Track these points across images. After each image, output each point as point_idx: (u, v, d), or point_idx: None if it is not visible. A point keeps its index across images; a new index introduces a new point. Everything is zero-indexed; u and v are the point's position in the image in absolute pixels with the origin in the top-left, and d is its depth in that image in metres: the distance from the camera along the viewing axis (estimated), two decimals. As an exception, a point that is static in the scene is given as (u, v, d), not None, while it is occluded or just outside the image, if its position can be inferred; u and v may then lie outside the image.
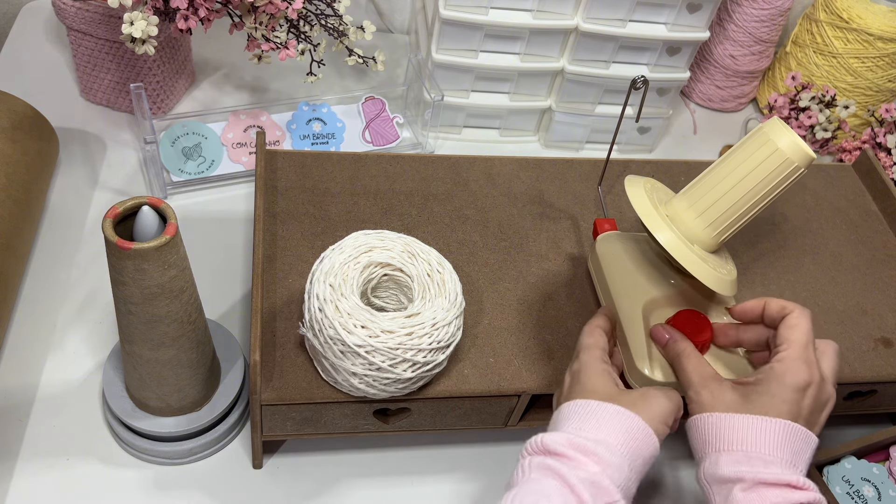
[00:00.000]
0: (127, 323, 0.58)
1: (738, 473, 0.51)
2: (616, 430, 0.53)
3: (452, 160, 0.82)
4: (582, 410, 0.55)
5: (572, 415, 0.55)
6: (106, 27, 0.86)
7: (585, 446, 0.52)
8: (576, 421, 0.54)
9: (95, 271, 0.80)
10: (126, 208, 0.53)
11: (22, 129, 0.79)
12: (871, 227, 0.84)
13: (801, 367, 0.54)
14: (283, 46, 0.84)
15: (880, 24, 1.01)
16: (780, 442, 0.52)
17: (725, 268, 0.63)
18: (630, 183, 0.64)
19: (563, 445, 0.52)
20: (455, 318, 0.60)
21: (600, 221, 0.73)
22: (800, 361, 0.55)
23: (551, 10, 0.90)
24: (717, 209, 0.61)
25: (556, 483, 0.50)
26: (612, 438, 0.53)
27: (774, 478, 0.51)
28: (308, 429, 0.65)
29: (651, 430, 0.54)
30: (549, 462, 0.51)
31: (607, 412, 0.54)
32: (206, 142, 0.90)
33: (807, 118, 1.05)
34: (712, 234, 0.62)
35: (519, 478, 0.52)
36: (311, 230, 0.73)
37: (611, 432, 0.53)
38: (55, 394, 0.71)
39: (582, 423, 0.54)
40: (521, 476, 0.52)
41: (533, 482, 0.51)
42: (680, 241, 0.61)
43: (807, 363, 0.55)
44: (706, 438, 0.54)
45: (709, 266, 0.60)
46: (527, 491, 0.50)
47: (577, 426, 0.54)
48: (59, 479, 0.66)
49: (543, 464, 0.51)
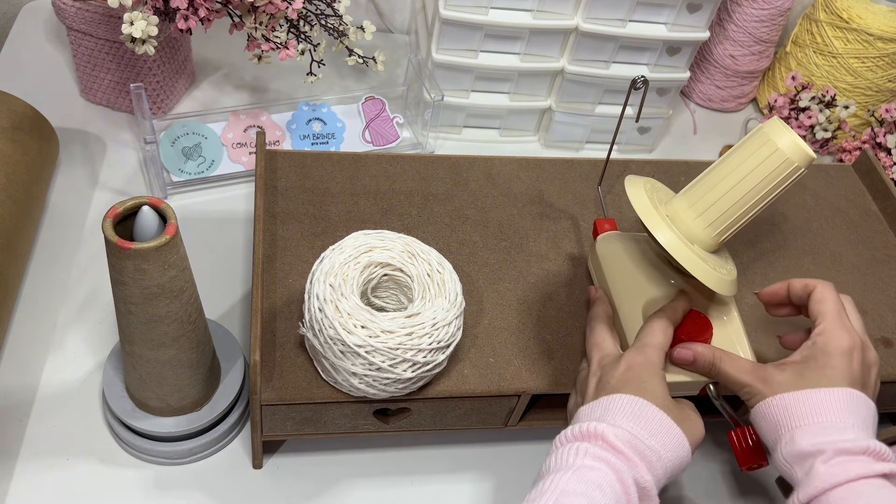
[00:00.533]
0: (127, 323, 0.58)
1: (817, 445, 0.52)
2: (670, 447, 0.53)
3: (452, 160, 0.82)
4: (641, 412, 0.54)
5: (630, 413, 0.54)
6: (106, 27, 0.86)
7: (645, 453, 0.51)
8: (632, 419, 0.53)
9: (95, 271, 0.80)
10: (126, 208, 0.53)
11: (22, 129, 0.79)
12: (871, 227, 0.84)
13: (842, 334, 0.56)
14: (283, 46, 0.84)
15: (880, 24, 1.01)
16: (847, 408, 0.53)
17: (725, 268, 0.63)
18: (630, 183, 0.64)
19: (626, 444, 0.51)
20: (455, 318, 0.60)
21: (600, 221, 0.73)
22: (838, 329, 0.57)
23: (551, 10, 0.90)
24: (717, 209, 0.61)
25: (612, 477, 0.50)
26: (664, 453, 0.53)
27: (853, 444, 0.51)
28: (308, 429, 0.65)
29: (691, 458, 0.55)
30: (607, 455, 0.50)
31: (666, 426, 0.54)
32: (206, 142, 0.90)
33: (807, 118, 1.05)
34: (712, 234, 0.62)
35: (567, 461, 0.51)
36: (311, 230, 0.73)
37: (664, 447, 0.53)
38: (55, 394, 0.71)
39: (639, 426, 0.53)
40: (572, 460, 0.51)
41: (587, 469, 0.50)
42: (680, 241, 0.61)
43: (845, 329, 0.57)
44: (777, 420, 0.54)
45: (709, 266, 0.60)
46: (581, 478, 0.49)
47: (633, 426, 0.53)
48: (59, 479, 0.66)
49: (600, 455, 0.51)
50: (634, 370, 0.57)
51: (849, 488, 0.50)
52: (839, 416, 0.53)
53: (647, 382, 0.56)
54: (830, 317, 0.58)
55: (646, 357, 0.57)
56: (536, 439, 0.75)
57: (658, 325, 0.60)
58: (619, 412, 0.54)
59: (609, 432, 0.52)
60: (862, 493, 0.50)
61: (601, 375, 0.58)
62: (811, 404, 0.54)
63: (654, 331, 0.59)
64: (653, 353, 0.58)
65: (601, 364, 0.60)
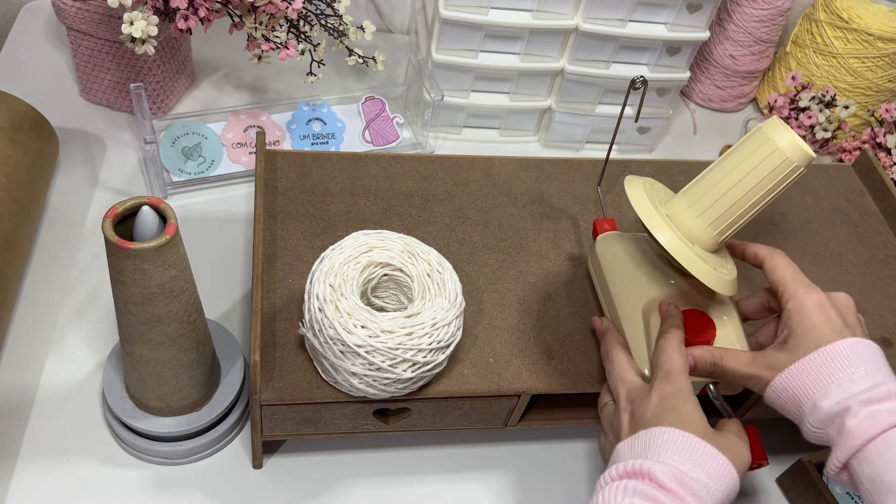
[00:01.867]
0: (127, 323, 0.58)
1: (841, 403, 0.52)
2: (718, 478, 0.52)
3: (452, 160, 0.82)
4: (684, 445, 0.52)
5: (673, 446, 0.52)
6: (106, 27, 0.86)
7: (692, 486, 0.50)
8: (676, 453, 0.51)
9: (95, 271, 0.80)
10: (126, 208, 0.53)
11: (22, 129, 0.79)
12: (871, 227, 0.84)
13: (806, 293, 0.58)
14: (283, 46, 0.84)
15: (880, 24, 1.01)
16: (852, 358, 0.54)
17: (726, 267, 0.63)
18: (630, 183, 0.64)
19: (673, 480, 0.49)
20: (455, 318, 0.60)
21: (600, 222, 0.73)
22: (801, 289, 0.58)
23: (551, 10, 0.90)
24: (717, 209, 0.61)
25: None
26: (713, 485, 0.51)
27: (874, 392, 0.52)
28: (308, 429, 0.65)
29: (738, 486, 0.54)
30: (656, 493, 0.49)
31: (711, 456, 0.52)
32: (206, 142, 0.90)
33: (807, 118, 1.05)
34: (712, 234, 0.62)
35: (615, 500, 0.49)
36: (311, 230, 0.73)
37: (712, 478, 0.51)
38: (55, 394, 0.71)
39: (684, 459, 0.51)
40: (620, 499, 0.49)
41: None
42: (680, 241, 0.61)
43: (807, 288, 0.58)
44: (795, 394, 0.55)
45: (709, 266, 0.60)
46: None
47: (678, 461, 0.51)
48: (59, 479, 0.66)
49: (648, 493, 0.49)
50: (668, 400, 0.55)
51: (882, 440, 0.50)
52: (848, 368, 0.53)
53: (682, 412, 0.54)
54: (789, 282, 0.59)
55: (675, 385, 0.56)
56: (536, 439, 0.75)
57: (673, 348, 0.59)
58: (662, 446, 0.52)
59: (655, 469, 0.50)
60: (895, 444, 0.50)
61: (632, 410, 0.57)
62: (819, 369, 0.54)
63: (672, 354, 0.58)
64: (680, 379, 0.56)
65: (629, 398, 0.58)
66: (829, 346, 0.55)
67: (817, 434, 0.54)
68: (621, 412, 0.58)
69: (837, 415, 0.52)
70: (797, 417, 0.56)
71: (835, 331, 0.56)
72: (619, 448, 0.55)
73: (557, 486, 0.72)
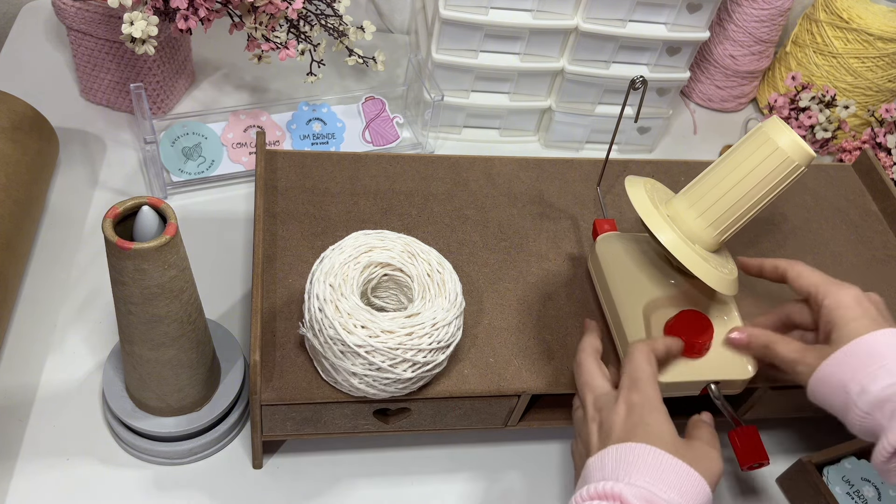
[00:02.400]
0: (127, 323, 0.58)
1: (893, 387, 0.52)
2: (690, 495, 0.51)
3: (452, 160, 0.82)
4: (655, 463, 0.51)
5: (644, 466, 0.51)
6: (106, 27, 0.86)
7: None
8: (647, 473, 0.51)
9: (95, 271, 0.80)
10: (126, 208, 0.53)
11: (22, 129, 0.79)
12: (871, 227, 0.84)
13: (839, 290, 0.59)
14: (283, 46, 0.84)
15: (880, 24, 1.01)
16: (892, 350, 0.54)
17: (727, 267, 0.63)
18: (630, 183, 0.64)
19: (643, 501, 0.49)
20: (455, 318, 0.60)
21: (600, 222, 0.73)
22: (834, 287, 0.59)
23: (551, 10, 0.90)
24: (717, 209, 0.61)
25: None
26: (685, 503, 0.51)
27: None
28: (308, 429, 0.65)
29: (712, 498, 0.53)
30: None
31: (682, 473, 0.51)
32: (206, 142, 0.90)
33: (807, 118, 1.05)
34: (713, 234, 0.62)
35: None
36: (311, 230, 0.73)
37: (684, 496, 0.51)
38: (55, 394, 0.71)
39: (655, 480, 0.51)
40: None
41: None
42: (681, 240, 0.61)
43: (840, 286, 0.59)
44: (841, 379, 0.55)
45: (710, 266, 0.60)
46: None
47: (648, 480, 0.50)
48: (59, 479, 0.66)
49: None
50: (636, 411, 0.55)
51: None
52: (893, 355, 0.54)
53: (651, 425, 0.54)
54: (820, 283, 0.60)
55: (643, 394, 0.55)
56: (536, 439, 0.75)
57: (642, 356, 0.58)
58: (633, 466, 0.51)
59: (626, 492, 0.49)
60: None
61: (601, 420, 0.57)
62: (865, 353, 0.54)
63: (641, 363, 0.57)
64: (648, 388, 0.56)
65: (597, 406, 0.58)
66: (873, 334, 0.55)
67: (864, 421, 0.54)
68: (589, 421, 0.57)
69: (888, 399, 0.52)
70: (842, 405, 0.55)
71: (875, 322, 0.56)
72: (590, 464, 0.54)
73: (557, 486, 0.72)
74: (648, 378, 0.56)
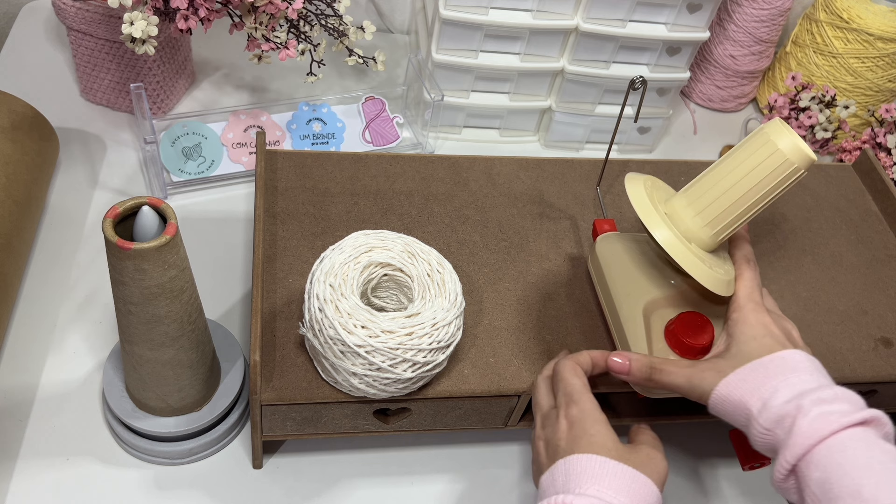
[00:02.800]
0: (127, 323, 0.58)
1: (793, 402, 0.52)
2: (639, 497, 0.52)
3: (452, 160, 0.82)
4: (601, 471, 0.52)
5: (591, 475, 0.52)
6: (106, 27, 0.86)
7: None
8: (596, 482, 0.51)
9: (95, 271, 0.80)
10: (126, 208, 0.53)
11: (22, 129, 0.79)
12: (871, 227, 0.84)
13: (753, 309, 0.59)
14: (283, 46, 0.84)
15: (880, 24, 1.01)
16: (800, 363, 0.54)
17: (723, 268, 0.63)
18: (630, 180, 0.64)
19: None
20: (455, 318, 0.60)
21: (599, 222, 0.73)
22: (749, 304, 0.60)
23: (551, 10, 0.90)
24: (715, 208, 0.61)
25: None
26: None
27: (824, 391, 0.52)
28: (308, 429, 0.65)
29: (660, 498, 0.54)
30: None
31: (629, 477, 0.52)
32: (206, 142, 0.90)
33: (807, 118, 1.05)
34: (710, 233, 0.61)
35: None
36: (311, 230, 0.73)
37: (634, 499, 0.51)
38: (55, 394, 0.71)
39: (604, 487, 0.51)
40: None
41: None
42: (677, 238, 0.61)
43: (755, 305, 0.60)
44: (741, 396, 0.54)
45: (705, 265, 0.60)
46: None
47: (597, 488, 0.51)
48: (59, 479, 0.66)
49: None
50: (577, 425, 0.55)
51: (835, 440, 0.50)
52: (798, 372, 0.54)
53: (594, 435, 0.54)
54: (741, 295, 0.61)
55: (580, 407, 0.56)
56: (536, 439, 0.75)
57: (567, 371, 0.59)
58: (581, 476, 0.52)
59: (577, 502, 0.50)
60: (846, 446, 0.50)
61: (546, 437, 0.57)
62: (767, 371, 0.54)
63: (568, 377, 0.58)
64: (584, 400, 0.57)
65: (543, 424, 0.59)
66: (777, 353, 0.55)
67: (765, 438, 0.54)
68: (536, 440, 0.58)
69: (788, 414, 0.52)
70: (742, 421, 0.55)
71: (778, 343, 0.57)
72: (543, 481, 0.55)
73: (557, 486, 0.72)
74: (581, 391, 0.57)
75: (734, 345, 0.58)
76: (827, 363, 0.71)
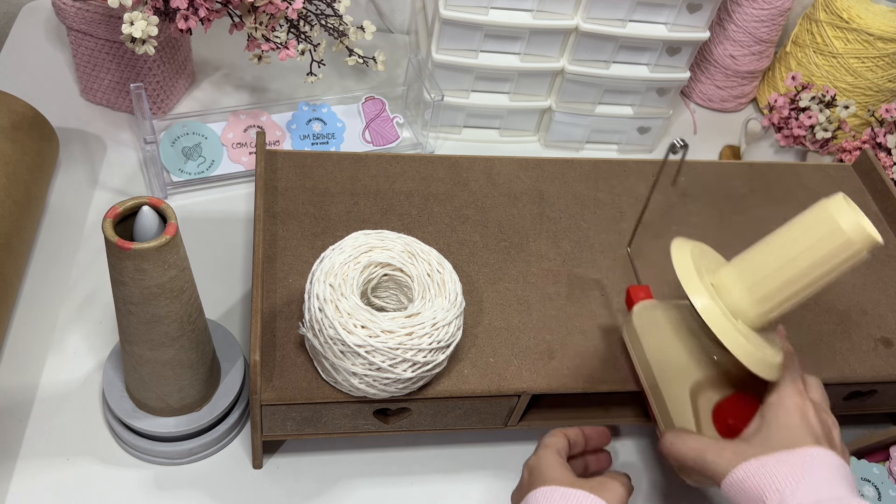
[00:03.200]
0: (127, 323, 0.58)
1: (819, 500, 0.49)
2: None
3: (452, 160, 0.82)
4: (552, 496, 0.55)
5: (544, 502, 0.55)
6: (106, 27, 0.86)
7: None
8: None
9: (95, 271, 0.80)
10: (126, 208, 0.53)
11: (22, 129, 0.79)
12: (871, 227, 0.84)
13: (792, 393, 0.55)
14: (283, 46, 0.84)
15: (880, 24, 1.01)
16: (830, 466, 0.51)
17: (770, 349, 0.57)
18: (676, 245, 0.59)
19: None
20: (455, 318, 0.60)
21: (635, 289, 0.67)
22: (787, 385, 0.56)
23: (551, 10, 0.90)
24: (767, 284, 0.55)
25: None
26: None
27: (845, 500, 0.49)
28: (308, 429, 0.65)
29: None
30: None
31: (578, 497, 0.54)
32: (206, 142, 0.90)
33: (807, 118, 1.05)
34: (759, 311, 0.56)
35: None
36: (311, 230, 0.73)
37: None
38: (55, 394, 0.71)
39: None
40: None
41: None
42: (719, 310, 0.55)
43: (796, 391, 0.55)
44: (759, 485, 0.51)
45: (747, 342, 0.55)
46: None
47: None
48: (59, 479, 0.66)
49: None
50: (533, 471, 0.59)
51: None
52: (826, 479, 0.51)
53: (546, 473, 0.58)
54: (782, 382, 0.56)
55: (537, 456, 0.60)
56: (536, 439, 0.75)
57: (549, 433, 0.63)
58: None
59: None
60: None
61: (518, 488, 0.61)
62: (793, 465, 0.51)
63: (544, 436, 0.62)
64: (542, 451, 0.60)
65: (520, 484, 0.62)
66: (809, 449, 0.52)
67: None
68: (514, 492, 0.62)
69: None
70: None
71: (813, 437, 0.53)
72: None
73: (557, 486, 0.72)
74: (544, 445, 0.61)
75: (765, 428, 0.54)
76: (827, 363, 0.71)
